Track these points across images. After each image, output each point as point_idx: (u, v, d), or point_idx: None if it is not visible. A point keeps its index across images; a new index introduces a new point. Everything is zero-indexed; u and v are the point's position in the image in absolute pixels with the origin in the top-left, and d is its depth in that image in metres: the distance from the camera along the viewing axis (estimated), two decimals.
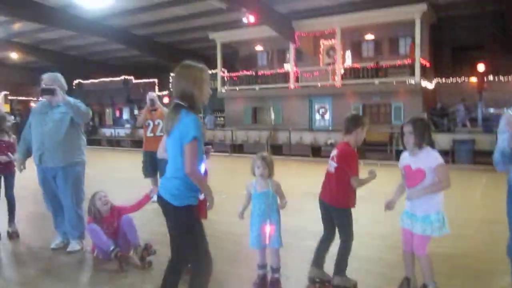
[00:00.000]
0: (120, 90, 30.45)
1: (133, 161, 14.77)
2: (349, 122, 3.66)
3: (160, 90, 27.08)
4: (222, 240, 5.08)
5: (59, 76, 4.71)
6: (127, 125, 26.22)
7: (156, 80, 29.22)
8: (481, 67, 18.19)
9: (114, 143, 23.73)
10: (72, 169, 4.68)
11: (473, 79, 20.05)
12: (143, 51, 26.20)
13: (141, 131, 22.68)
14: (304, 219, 6.09)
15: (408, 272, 3.45)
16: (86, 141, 4.95)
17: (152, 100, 7.62)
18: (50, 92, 4.44)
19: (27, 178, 5.51)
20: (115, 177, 10.45)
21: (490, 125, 15.85)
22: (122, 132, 24.50)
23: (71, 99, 4.56)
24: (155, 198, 7.84)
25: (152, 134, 7.48)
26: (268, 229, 3.52)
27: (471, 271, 4.14)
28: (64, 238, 4.89)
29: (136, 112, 30.23)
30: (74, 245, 4.72)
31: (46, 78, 4.62)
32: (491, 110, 16.79)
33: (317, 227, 3.87)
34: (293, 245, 4.76)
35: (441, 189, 3.24)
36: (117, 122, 30.58)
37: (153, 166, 7.51)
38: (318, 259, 3.69)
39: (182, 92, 2.71)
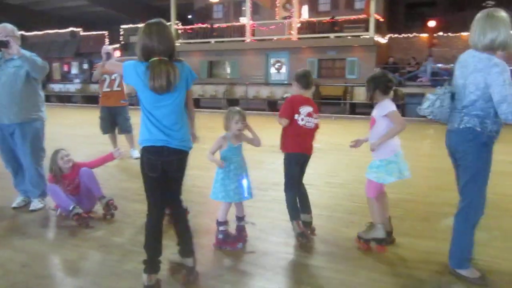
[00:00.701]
0: (68, 43, 29.00)
1: (87, 117, 14.43)
2: (310, 79, 3.79)
3: (110, 43, 26.00)
4: (188, 192, 5.19)
5: (11, 26, 4.37)
6: (77, 80, 25.22)
7: (106, 33, 27.99)
8: (432, 24, 18.70)
9: (64, 99, 22.85)
10: (29, 125, 4.48)
11: (424, 35, 20.64)
12: (92, 0, 24.86)
13: (93, 86, 22.06)
14: (265, 171, 6.30)
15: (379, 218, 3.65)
16: (44, 97, 4.76)
17: (108, 54, 7.36)
18: (3, 44, 4.17)
19: None
20: (70, 134, 10.16)
21: (438, 79, 16.53)
22: (72, 87, 23.58)
23: (27, 52, 4.34)
24: (135, 154, 7.67)
25: (109, 89, 7.29)
26: (246, 182, 3.65)
27: (420, 213, 4.51)
28: (25, 196, 4.78)
29: (85, 66, 29.05)
30: (36, 204, 4.63)
31: None
32: (440, 65, 17.44)
33: (277, 179, 4.03)
34: (257, 196, 4.96)
35: (396, 131, 3.46)
36: (66, 77, 29.29)
37: (111, 122, 7.38)
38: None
39: (170, 48, 2.79)
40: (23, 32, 29.85)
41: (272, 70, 22.23)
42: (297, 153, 3.83)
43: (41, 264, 3.38)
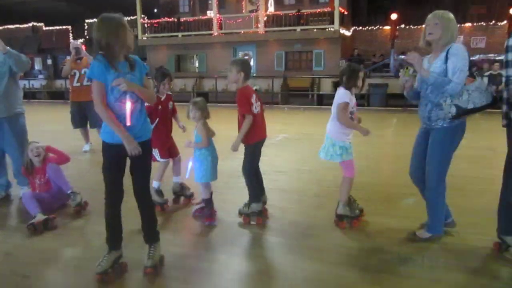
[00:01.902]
0: (30, 39, 28.21)
1: (55, 113, 14.22)
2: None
3: (74, 38, 25.48)
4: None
5: None
6: (41, 76, 24.61)
7: (69, 28, 27.39)
8: (393, 16, 19.30)
9: (29, 95, 22.30)
10: (16, 120, 4.62)
11: (387, 28, 21.27)
12: None
13: (59, 82, 21.62)
14: (237, 161, 6.53)
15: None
16: (22, 93, 4.88)
17: (77, 49, 7.38)
18: None
19: None
20: (39, 130, 10.04)
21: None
22: (36, 83, 23.02)
23: (8, 48, 4.42)
24: (86, 148, 7.73)
25: (79, 84, 7.32)
26: (190, 164, 4.08)
27: (383, 195, 4.85)
28: (1, 190, 4.87)
29: (49, 62, 28.37)
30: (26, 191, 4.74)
31: None
32: (402, 56, 18.06)
33: None
34: (229, 183, 5.19)
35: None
36: (29, 73, 28.50)
37: (81, 117, 7.42)
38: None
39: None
40: None
41: None
42: (260, 141, 4.09)
43: (25, 253, 3.50)
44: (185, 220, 4.24)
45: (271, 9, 21.58)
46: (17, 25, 28.02)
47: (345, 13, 20.61)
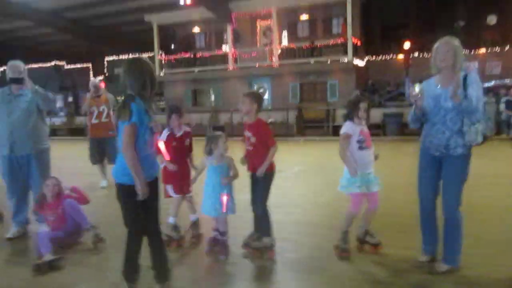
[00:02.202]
0: (52, 77, 29.16)
1: (74, 149, 14.52)
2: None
3: (94, 75, 26.28)
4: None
5: (23, 64, 4.72)
6: (61, 113, 25.28)
7: (90, 65, 28.28)
8: (407, 45, 19.44)
9: (50, 132, 22.89)
10: (42, 155, 4.80)
11: (400, 56, 21.40)
12: (75, 35, 25.20)
13: (79, 119, 22.14)
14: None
15: (347, 227, 4.02)
16: (48, 128, 5.11)
17: (95, 87, 7.64)
18: (19, 81, 4.51)
19: None
20: (58, 166, 10.27)
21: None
22: (57, 120, 23.63)
23: (37, 87, 4.65)
24: (104, 184, 7.79)
25: (97, 121, 7.53)
26: (225, 198, 3.95)
27: (398, 226, 4.78)
28: (21, 228, 4.95)
29: (70, 99, 29.17)
30: (43, 227, 4.80)
31: (13, 66, 4.61)
32: (417, 85, 18.08)
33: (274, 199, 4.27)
34: (243, 217, 5.19)
35: None
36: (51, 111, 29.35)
37: (99, 153, 7.60)
38: None
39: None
40: (5, 68, 29.97)
41: None
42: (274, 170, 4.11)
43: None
44: (198, 255, 4.25)
45: (285, 41, 21.96)
46: (40, 64, 29.03)
47: (358, 43, 20.83)
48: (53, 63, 29.52)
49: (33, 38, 28.23)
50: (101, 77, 25.88)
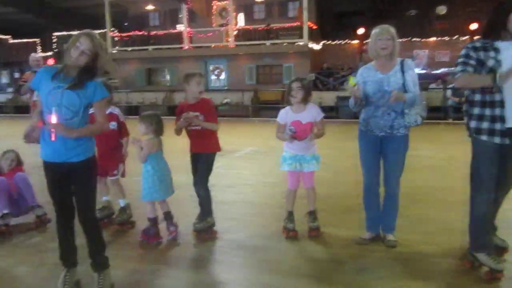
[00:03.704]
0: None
1: (20, 127, 13.81)
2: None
3: (43, 51, 25.02)
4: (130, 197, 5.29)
5: None
6: (9, 90, 23.97)
7: (37, 40, 26.86)
8: (360, 31, 19.78)
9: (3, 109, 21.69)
10: None
11: (354, 42, 21.77)
12: (19, 8, 23.79)
13: (25, 96, 21.03)
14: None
15: (291, 207, 4.06)
16: None
17: (37, 61, 7.15)
18: None
19: None
20: (2, 146, 9.77)
21: None
22: (2, 97, 22.41)
23: None
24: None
25: (38, 99, 7.07)
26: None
27: (344, 208, 4.91)
28: None
29: (16, 75, 27.67)
30: None
31: None
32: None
33: (214, 181, 4.24)
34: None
35: (323, 135, 3.87)
36: None
37: None
38: None
39: None
40: None
41: (212, 77, 22.44)
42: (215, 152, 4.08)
43: None
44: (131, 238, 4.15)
45: (241, 23, 21.77)
46: None
47: (314, 27, 20.97)
48: None
49: None
50: (50, 53, 24.67)
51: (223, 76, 22.21)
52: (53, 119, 2.67)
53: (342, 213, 4.70)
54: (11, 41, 27.69)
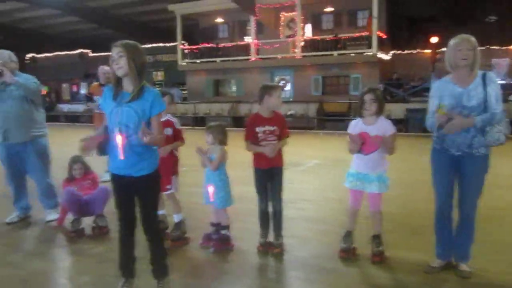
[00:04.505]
0: (77, 65, 29.53)
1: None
2: (258, 92, 3.84)
3: None
4: (186, 209, 5.30)
5: (8, 53, 4.70)
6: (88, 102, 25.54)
7: None
8: (434, 40, 18.85)
9: (73, 119, 23.21)
10: (38, 142, 4.81)
11: (427, 51, 20.79)
12: (99, 23, 25.40)
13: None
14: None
15: (352, 226, 3.83)
16: (45, 115, 5.04)
17: (105, 73, 7.02)
18: None
19: None
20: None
21: None
22: (80, 107, 23.91)
23: (20, 78, 4.57)
24: (106, 177, 7.24)
25: (99, 111, 6.80)
26: (211, 189, 3.93)
27: (413, 227, 4.56)
28: (21, 213, 5.00)
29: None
30: (50, 215, 4.88)
31: None
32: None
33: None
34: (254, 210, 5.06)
35: (393, 152, 3.58)
36: (75, 97, 29.77)
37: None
38: None
39: None
40: (34, 55, 30.63)
41: None
42: None
43: (41, 280, 3.50)
44: (192, 251, 4.13)
45: (309, 33, 21.62)
46: (66, 52, 29.43)
47: (384, 36, 20.32)
48: (78, 51, 29.86)
49: (61, 26, 28.61)
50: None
51: (288, 87, 22.12)
52: (118, 139, 2.80)
53: (410, 234, 4.36)
54: (91, 54, 29.61)
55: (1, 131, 4.67)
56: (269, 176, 3.89)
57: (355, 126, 3.70)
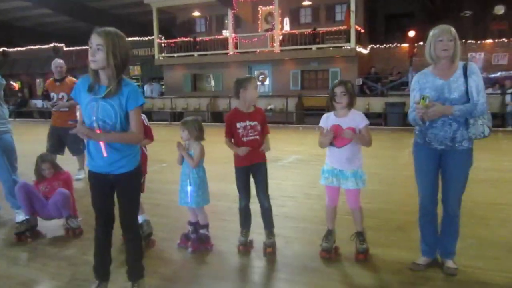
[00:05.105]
0: (51, 59, 28.66)
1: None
2: (233, 88, 3.72)
3: None
4: (163, 208, 5.13)
5: None
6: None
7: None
8: (411, 34, 18.96)
9: (47, 114, 22.55)
10: (1, 138, 4.55)
11: (405, 45, 20.93)
12: (73, 16, 24.72)
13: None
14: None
15: (331, 225, 3.72)
16: (8, 111, 4.78)
17: (59, 67, 6.48)
18: None
19: None
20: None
21: None
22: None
23: None
24: (79, 176, 6.85)
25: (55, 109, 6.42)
26: (189, 189, 3.77)
27: (397, 223, 4.49)
28: None
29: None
30: (21, 215, 4.57)
31: None
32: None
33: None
34: (233, 209, 4.91)
35: (369, 144, 3.48)
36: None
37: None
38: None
39: None
40: (4, 48, 29.63)
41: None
42: None
43: (5, 284, 3.28)
44: (169, 252, 3.97)
45: (287, 27, 21.49)
46: (39, 46, 28.57)
47: (362, 31, 20.34)
48: (52, 44, 29.04)
49: (33, 18, 27.70)
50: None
51: (267, 81, 21.98)
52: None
53: (393, 231, 4.28)
54: (66, 48, 28.84)
55: None
56: (252, 172, 3.76)
57: (327, 119, 3.60)
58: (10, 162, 4.65)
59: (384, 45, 22.23)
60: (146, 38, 24.24)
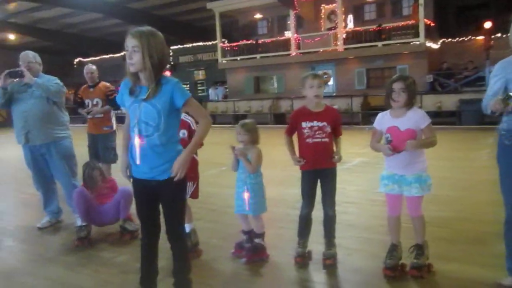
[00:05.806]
0: (120, 66, 30.10)
1: None
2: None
3: None
4: (219, 213, 4.99)
5: (32, 54, 4.60)
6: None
7: None
8: (487, 25, 17.61)
9: (118, 120, 23.65)
10: (61, 144, 4.65)
11: (480, 38, 19.50)
12: (140, 25, 25.71)
13: None
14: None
15: (395, 238, 3.33)
16: (68, 117, 4.87)
17: (90, 73, 6.25)
18: (17, 74, 4.28)
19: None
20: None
21: None
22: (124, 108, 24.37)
23: (41, 79, 4.45)
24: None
25: (91, 116, 6.18)
26: (246, 196, 3.55)
27: (474, 234, 4.00)
28: (52, 217, 4.90)
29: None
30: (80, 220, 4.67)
31: (20, 58, 4.52)
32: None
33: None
34: (292, 216, 4.65)
35: (434, 145, 3.08)
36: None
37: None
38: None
39: None
40: (80, 59, 31.54)
41: None
42: None
43: None
44: (221, 262, 3.77)
45: (351, 25, 20.84)
46: (111, 55, 30.08)
47: (432, 24, 19.22)
48: (122, 53, 30.49)
49: (103, 29, 29.28)
50: (167, 65, 26.16)
51: (331, 82, 21.44)
52: (136, 141, 2.58)
53: (469, 243, 3.80)
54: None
55: (23, 132, 4.55)
56: (320, 178, 3.48)
57: (382, 118, 3.24)
58: (70, 167, 4.75)
59: (457, 38, 20.84)
60: (210, 43, 24.69)
